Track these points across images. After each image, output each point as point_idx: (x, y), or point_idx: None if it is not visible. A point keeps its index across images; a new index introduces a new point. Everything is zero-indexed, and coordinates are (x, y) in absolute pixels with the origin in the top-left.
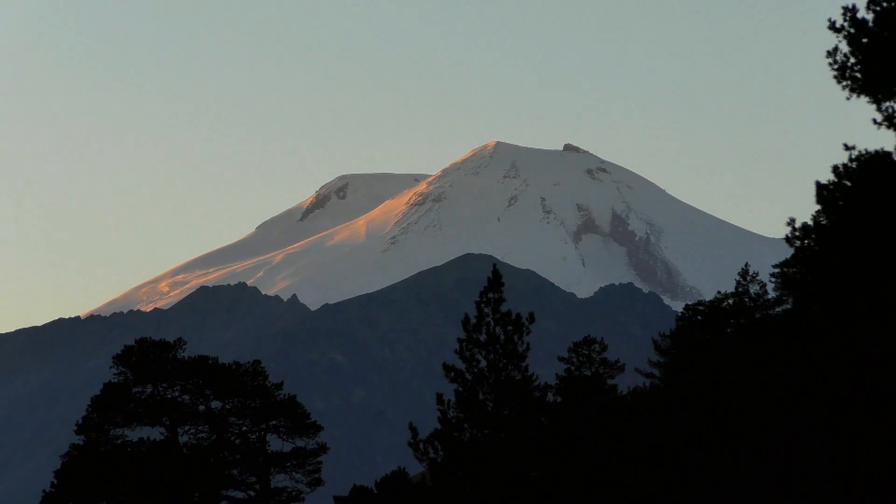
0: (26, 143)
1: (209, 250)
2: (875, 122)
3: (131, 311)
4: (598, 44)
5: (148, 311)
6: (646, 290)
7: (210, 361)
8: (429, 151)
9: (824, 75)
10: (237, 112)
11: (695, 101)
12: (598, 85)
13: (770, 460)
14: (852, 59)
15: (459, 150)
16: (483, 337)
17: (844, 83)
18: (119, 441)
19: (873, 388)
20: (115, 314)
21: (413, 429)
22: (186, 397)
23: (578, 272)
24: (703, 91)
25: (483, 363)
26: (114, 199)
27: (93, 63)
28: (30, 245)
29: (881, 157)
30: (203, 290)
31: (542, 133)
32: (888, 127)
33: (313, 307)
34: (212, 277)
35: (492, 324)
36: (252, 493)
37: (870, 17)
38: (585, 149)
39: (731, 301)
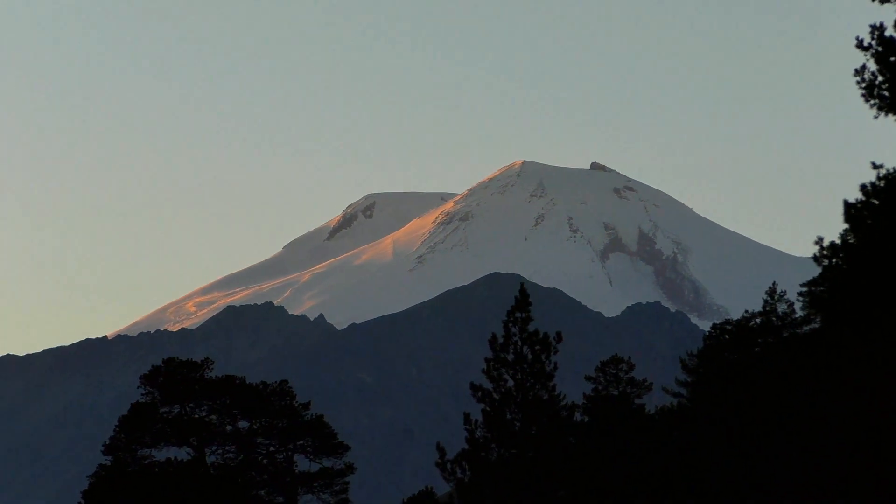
0: (53, 163)
1: (236, 270)
2: None
3: (158, 331)
4: (625, 63)
5: (175, 331)
6: (673, 308)
7: (237, 381)
8: (456, 170)
9: (852, 94)
10: (264, 132)
11: (722, 119)
12: (624, 104)
13: (799, 478)
14: (880, 78)
15: (486, 169)
16: (510, 356)
17: (872, 101)
18: (146, 461)
19: None
20: (142, 334)
21: (440, 448)
22: (214, 417)
23: (605, 291)
24: (730, 110)
25: (510, 382)
26: (140, 219)
27: (117, 82)
28: (57, 265)
29: None
30: (230, 310)
31: (568, 152)
32: None
33: (340, 326)
34: (238, 297)
35: (519, 343)
36: None
37: None
38: (612, 167)
39: (758, 320)
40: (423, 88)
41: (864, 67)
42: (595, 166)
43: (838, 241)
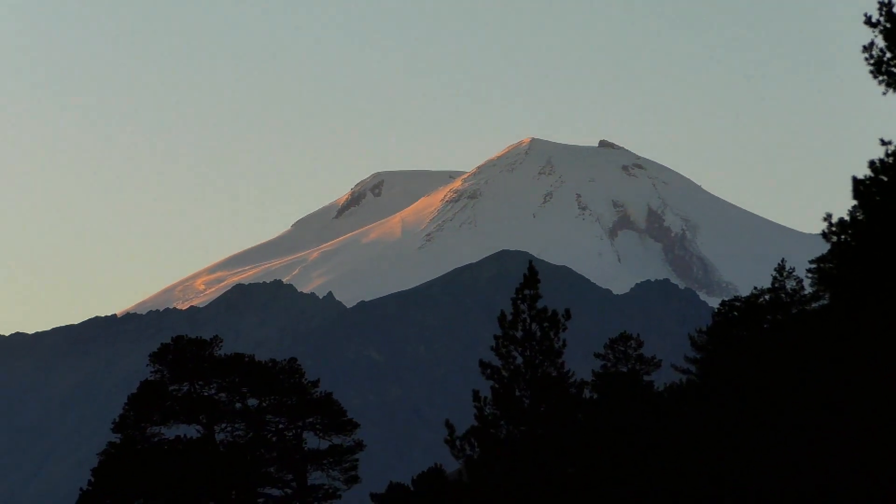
0: (63, 143)
1: (245, 248)
2: None
3: (167, 309)
4: (633, 40)
5: (184, 309)
6: (682, 286)
7: (246, 359)
8: (464, 148)
9: (860, 70)
10: (273, 110)
11: (730, 96)
12: (633, 81)
13: (807, 456)
14: (888, 54)
15: (495, 147)
16: (519, 333)
17: (881, 78)
18: (156, 439)
19: None
20: (151, 312)
21: (450, 425)
22: (223, 395)
23: (614, 268)
24: (739, 86)
25: (519, 360)
26: (150, 197)
27: (129, 62)
28: (66, 244)
29: None
30: (239, 288)
31: (577, 129)
32: None
33: (349, 304)
34: (247, 275)
35: (528, 320)
36: (289, 491)
37: None
38: (621, 145)
39: (767, 297)
40: (431, 66)
41: (872, 44)
42: (603, 144)
43: (847, 218)
